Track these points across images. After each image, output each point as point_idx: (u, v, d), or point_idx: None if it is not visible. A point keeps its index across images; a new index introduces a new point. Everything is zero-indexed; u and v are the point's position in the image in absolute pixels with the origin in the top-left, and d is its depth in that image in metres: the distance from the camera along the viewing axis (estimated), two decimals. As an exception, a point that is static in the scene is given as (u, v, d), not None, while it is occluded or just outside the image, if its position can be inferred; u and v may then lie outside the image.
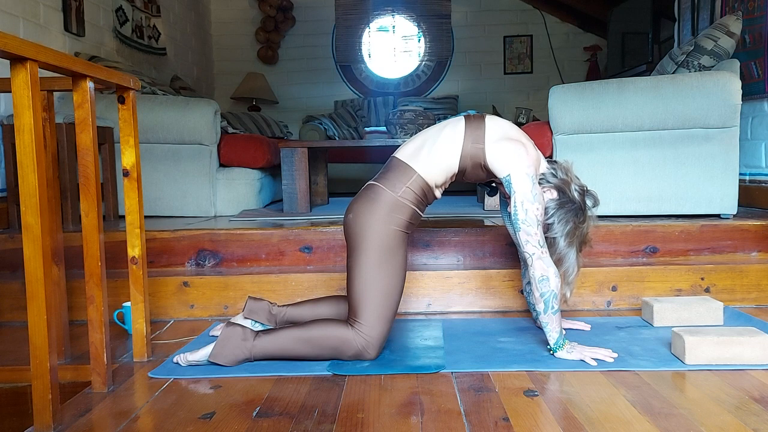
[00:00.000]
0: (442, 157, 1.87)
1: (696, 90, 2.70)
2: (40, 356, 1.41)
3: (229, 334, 1.79)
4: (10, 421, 1.80)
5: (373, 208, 1.83)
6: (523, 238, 1.81)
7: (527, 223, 1.79)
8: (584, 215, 1.90)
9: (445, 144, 1.87)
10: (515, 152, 1.82)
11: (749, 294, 2.39)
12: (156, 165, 3.28)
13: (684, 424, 1.37)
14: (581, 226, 1.90)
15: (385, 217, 1.82)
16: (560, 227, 1.87)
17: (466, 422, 1.42)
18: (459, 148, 1.86)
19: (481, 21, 6.47)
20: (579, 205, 1.89)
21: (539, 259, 1.79)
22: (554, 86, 2.90)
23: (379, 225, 1.81)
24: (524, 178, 1.80)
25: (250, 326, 2.08)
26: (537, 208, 1.80)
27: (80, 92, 1.61)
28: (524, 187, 1.80)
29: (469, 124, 1.89)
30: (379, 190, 1.85)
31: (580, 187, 1.92)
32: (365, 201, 1.85)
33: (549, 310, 1.79)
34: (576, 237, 1.89)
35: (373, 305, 1.79)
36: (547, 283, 1.79)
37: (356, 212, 1.85)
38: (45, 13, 3.41)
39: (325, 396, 1.59)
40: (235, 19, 6.54)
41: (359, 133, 5.70)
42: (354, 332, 1.79)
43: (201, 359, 1.80)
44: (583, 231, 1.91)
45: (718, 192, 2.75)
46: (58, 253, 1.85)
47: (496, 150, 1.84)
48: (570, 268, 1.88)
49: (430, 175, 1.87)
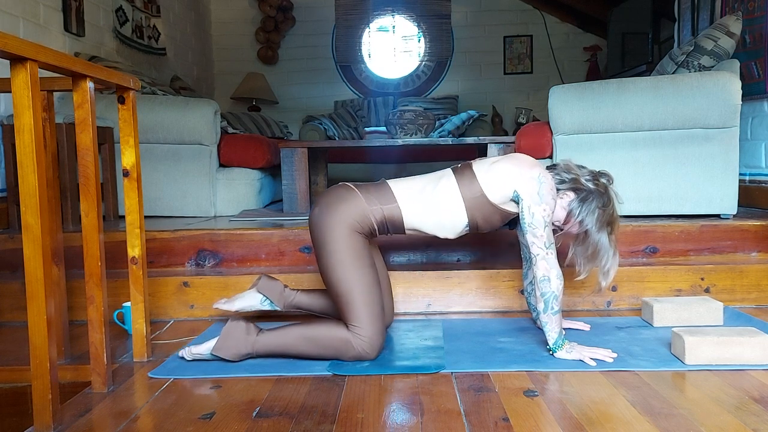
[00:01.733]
0: (444, 212, 1.88)
1: (696, 90, 2.70)
2: (40, 356, 1.41)
3: (232, 329, 1.81)
4: (10, 421, 1.80)
5: (340, 206, 1.84)
6: (530, 239, 1.82)
7: (534, 225, 1.80)
8: (607, 196, 1.90)
9: (445, 200, 1.88)
10: (510, 166, 1.85)
11: (749, 294, 2.39)
12: (156, 165, 3.28)
13: (684, 424, 1.37)
14: (608, 208, 1.89)
15: (348, 220, 1.83)
16: (590, 219, 1.87)
17: (466, 422, 1.42)
18: (461, 205, 1.87)
19: (481, 21, 6.46)
20: (597, 190, 1.89)
21: (543, 259, 1.80)
22: (554, 86, 2.90)
23: (343, 226, 1.83)
24: (528, 182, 1.81)
25: (258, 302, 2.10)
26: (544, 209, 1.80)
27: (80, 92, 1.61)
28: (530, 190, 1.81)
29: (460, 178, 1.89)
30: (353, 192, 1.88)
31: (590, 174, 1.91)
32: (335, 198, 1.87)
33: (549, 310, 1.80)
34: (605, 221, 1.88)
35: (360, 306, 1.80)
36: (548, 284, 1.79)
37: (323, 206, 1.86)
38: (45, 13, 3.41)
39: (325, 396, 1.59)
40: (235, 19, 6.54)
41: (359, 133, 5.70)
42: (352, 334, 1.79)
43: (205, 352, 1.82)
44: (610, 212, 1.90)
45: (718, 192, 2.75)
46: (58, 253, 1.85)
47: (493, 183, 1.85)
48: (605, 257, 1.88)
49: (412, 217, 1.89)
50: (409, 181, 1.95)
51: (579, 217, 1.88)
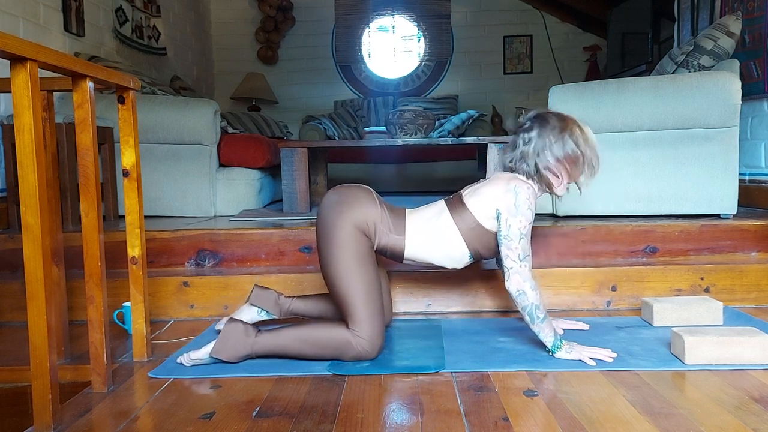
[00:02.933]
0: (447, 247, 1.90)
1: (696, 90, 2.70)
2: (40, 356, 1.41)
3: (231, 330, 1.80)
4: (10, 421, 1.80)
5: (355, 205, 1.85)
6: (504, 252, 1.83)
7: (509, 237, 1.82)
8: (544, 120, 1.89)
9: (446, 236, 1.90)
10: (489, 188, 1.88)
11: (749, 294, 2.39)
12: (156, 165, 3.28)
13: (684, 424, 1.37)
14: (554, 123, 1.88)
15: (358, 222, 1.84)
16: (560, 148, 1.86)
17: (466, 422, 1.42)
18: (460, 238, 1.89)
19: (481, 21, 6.46)
20: (538, 132, 1.88)
21: (516, 273, 1.81)
22: (554, 86, 2.90)
23: (351, 227, 1.83)
24: (505, 195, 1.83)
25: (256, 314, 2.10)
26: (520, 221, 1.82)
27: (80, 92, 1.61)
28: (507, 203, 1.83)
29: (453, 210, 1.91)
30: (372, 197, 1.89)
31: (522, 132, 1.91)
32: (354, 195, 1.88)
33: (536, 320, 1.80)
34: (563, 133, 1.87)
35: (362, 305, 1.80)
36: (525, 297, 1.80)
37: (340, 197, 1.87)
38: (45, 13, 3.41)
39: (325, 396, 1.59)
40: (235, 19, 6.54)
41: (359, 133, 5.70)
42: (352, 334, 1.79)
43: (203, 356, 1.81)
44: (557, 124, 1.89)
45: (717, 192, 2.75)
46: (58, 253, 1.85)
47: (481, 209, 1.87)
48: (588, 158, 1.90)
49: (416, 249, 1.91)
50: (421, 211, 1.96)
51: (559, 155, 1.86)
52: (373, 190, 1.95)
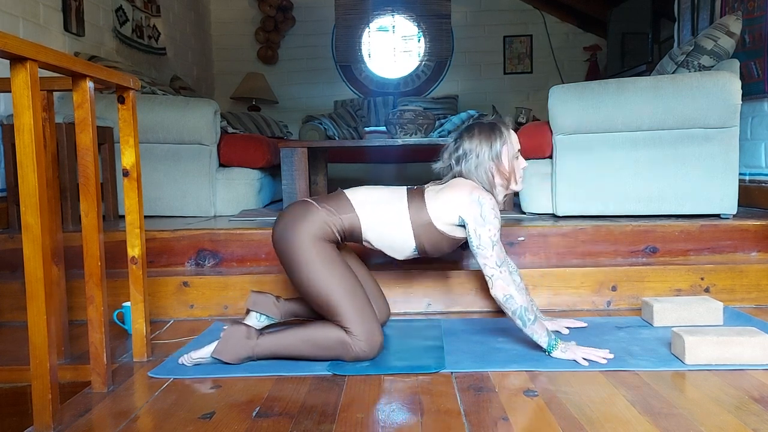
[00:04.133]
0: (395, 236, 1.93)
1: (696, 90, 2.70)
2: (39, 356, 1.41)
3: (232, 332, 1.81)
4: (10, 421, 1.80)
5: (300, 223, 1.87)
6: (481, 261, 1.84)
7: (482, 246, 1.83)
8: (468, 130, 1.98)
9: (396, 224, 1.92)
10: (450, 194, 1.91)
11: (749, 294, 2.39)
12: (156, 165, 3.28)
13: (684, 424, 1.37)
14: (481, 130, 1.96)
15: (311, 233, 1.85)
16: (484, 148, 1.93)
17: (466, 422, 1.42)
18: (410, 231, 1.92)
19: (481, 21, 6.46)
20: (463, 142, 1.96)
21: (498, 279, 1.82)
22: (554, 86, 2.90)
23: (307, 239, 1.85)
24: (468, 206, 1.86)
25: (256, 320, 2.10)
26: (489, 230, 1.83)
27: (80, 92, 1.61)
28: (472, 214, 1.85)
29: (411, 203, 1.93)
30: (311, 207, 1.90)
31: (454, 143, 2.00)
32: (294, 215, 1.89)
33: (527, 323, 1.81)
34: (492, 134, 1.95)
35: (347, 307, 1.81)
36: (513, 301, 1.81)
37: (283, 225, 1.89)
38: (45, 13, 3.41)
39: (325, 396, 1.59)
40: (235, 19, 6.54)
41: (359, 133, 5.70)
42: (349, 337, 1.80)
43: (205, 356, 1.81)
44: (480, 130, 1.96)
45: (718, 192, 2.75)
46: (57, 253, 1.85)
47: (438, 211, 1.90)
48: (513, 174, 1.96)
49: (369, 230, 1.93)
50: (366, 191, 1.98)
51: (493, 155, 1.93)
52: (307, 198, 1.98)
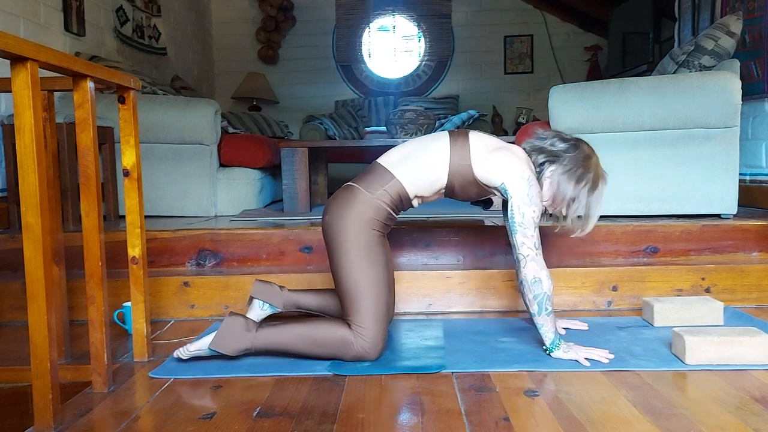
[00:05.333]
0: (428, 170, 1.89)
1: (696, 90, 2.70)
2: (40, 356, 1.41)
3: (231, 323, 1.79)
4: (11, 421, 1.80)
5: (349, 209, 1.84)
6: (519, 240, 1.81)
7: (524, 225, 1.80)
8: (578, 147, 1.90)
9: (431, 159, 1.89)
10: (505, 160, 1.85)
11: (750, 294, 2.39)
12: (156, 165, 3.28)
13: (685, 424, 1.37)
14: (579, 155, 1.88)
15: (361, 219, 1.83)
16: (565, 179, 1.86)
17: (467, 422, 1.42)
18: (446, 165, 1.88)
19: (481, 21, 6.46)
20: (566, 147, 1.89)
21: (533, 260, 1.80)
22: (555, 86, 2.90)
23: (356, 225, 1.83)
24: (519, 182, 1.81)
25: (259, 308, 2.11)
26: (533, 211, 1.80)
27: (81, 92, 1.61)
28: (520, 191, 1.81)
29: (453, 142, 1.89)
30: (356, 191, 1.87)
31: (553, 137, 1.92)
32: (342, 201, 1.87)
33: (543, 312, 1.80)
34: (577, 167, 1.86)
35: (366, 306, 1.80)
36: (540, 285, 1.79)
37: (333, 213, 1.87)
38: (45, 12, 3.41)
39: (325, 396, 1.59)
40: (235, 18, 6.54)
41: (360, 133, 5.70)
42: (354, 334, 1.79)
43: (203, 347, 1.80)
44: (581, 160, 1.88)
45: (718, 192, 2.75)
46: (58, 253, 1.85)
47: (485, 164, 1.86)
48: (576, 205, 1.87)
49: (411, 185, 1.89)
50: (398, 148, 1.96)
51: (562, 178, 1.86)
52: (349, 182, 1.93)
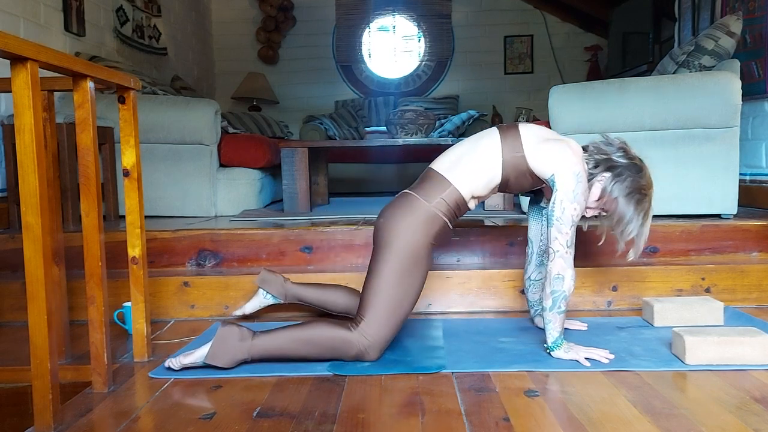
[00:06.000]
0: (482, 168, 1.86)
1: (697, 90, 2.70)
2: (40, 356, 1.41)
3: (225, 335, 1.74)
4: (11, 421, 1.80)
5: (405, 215, 1.83)
6: (553, 234, 1.80)
7: (561, 221, 1.78)
8: (640, 166, 1.88)
9: (484, 156, 1.87)
10: (559, 151, 1.82)
11: (750, 294, 2.39)
12: (156, 165, 3.28)
13: (685, 424, 1.37)
14: (640, 177, 1.86)
15: (416, 227, 1.82)
16: (621, 191, 1.84)
17: (467, 422, 1.42)
18: (499, 159, 1.86)
19: (481, 21, 6.46)
20: (630, 164, 1.87)
21: (561, 257, 1.78)
22: (555, 86, 2.90)
23: (409, 233, 1.81)
24: (569, 176, 1.79)
25: (262, 296, 2.13)
26: (575, 208, 1.78)
27: (81, 92, 1.61)
28: (567, 186, 1.79)
29: (504, 135, 1.87)
30: (413, 198, 1.85)
31: (620, 149, 1.89)
32: (398, 208, 1.86)
33: (555, 308, 1.79)
34: (634, 189, 1.84)
35: (383, 310, 1.79)
36: (561, 283, 1.78)
37: (388, 217, 1.86)
38: (45, 13, 3.41)
39: (325, 396, 1.59)
40: (235, 18, 6.54)
41: (360, 133, 5.70)
42: (357, 333, 1.78)
43: (197, 360, 1.76)
44: (642, 180, 1.86)
45: (718, 192, 2.75)
46: (58, 253, 1.85)
47: (538, 153, 1.83)
48: (630, 225, 1.85)
49: (467, 187, 1.87)
50: (449, 152, 1.94)
51: (614, 194, 1.84)
52: (407, 189, 1.91)
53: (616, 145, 1.91)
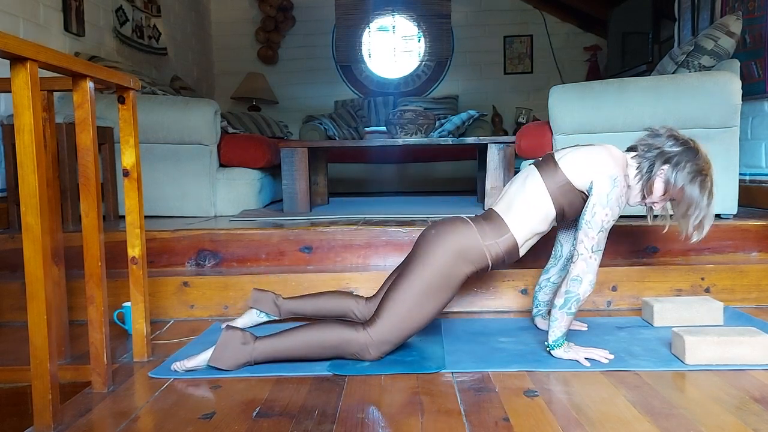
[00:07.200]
0: (534, 207, 1.86)
1: (696, 90, 2.70)
2: (40, 356, 1.41)
3: (228, 338, 1.77)
4: (10, 421, 1.80)
5: (457, 240, 1.83)
6: (580, 236, 1.80)
7: (590, 225, 1.78)
8: (695, 148, 1.85)
9: (532, 196, 1.86)
10: (596, 155, 1.82)
11: (749, 294, 2.39)
12: (156, 165, 3.28)
13: (684, 424, 1.37)
14: (698, 160, 1.83)
15: (462, 257, 1.82)
16: (684, 178, 1.82)
17: (467, 422, 1.42)
18: (547, 194, 1.85)
19: (481, 21, 6.46)
20: (684, 149, 1.83)
21: (584, 261, 1.78)
22: (554, 86, 2.90)
23: (452, 259, 1.82)
24: (605, 180, 1.78)
25: (255, 316, 2.12)
26: (606, 214, 1.78)
27: (80, 92, 1.61)
28: (602, 189, 1.78)
29: (543, 171, 1.87)
30: (470, 229, 1.85)
31: (670, 137, 1.86)
32: (453, 232, 1.85)
33: (565, 308, 1.79)
34: (696, 172, 1.82)
35: (398, 317, 1.79)
36: (578, 285, 1.78)
37: (441, 234, 1.86)
38: (45, 13, 3.41)
39: (325, 396, 1.59)
40: (235, 19, 6.53)
41: (359, 133, 5.70)
42: (364, 330, 1.79)
43: (200, 364, 1.78)
44: (701, 163, 1.83)
45: (718, 192, 2.73)
46: (58, 253, 1.85)
47: (576, 167, 1.83)
48: (698, 209, 1.83)
49: (522, 231, 1.87)
50: (502, 198, 1.94)
51: (678, 184, 1.82)
52: (464, 216, 1.91)
53: (665, 135, 1.87)
